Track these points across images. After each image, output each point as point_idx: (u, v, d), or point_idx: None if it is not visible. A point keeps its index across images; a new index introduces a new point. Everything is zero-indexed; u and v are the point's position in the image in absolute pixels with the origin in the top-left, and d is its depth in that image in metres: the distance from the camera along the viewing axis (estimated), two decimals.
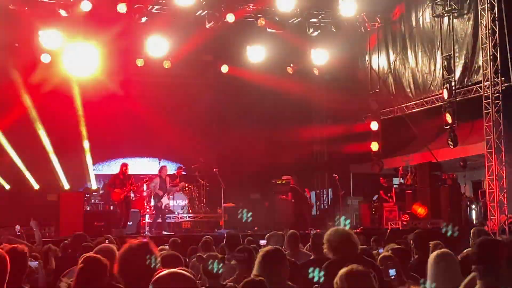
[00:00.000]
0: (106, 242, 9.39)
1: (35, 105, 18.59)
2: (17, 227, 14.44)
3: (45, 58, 18.27)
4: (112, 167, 20.21)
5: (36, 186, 18.86)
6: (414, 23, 18.97)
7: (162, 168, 17.97)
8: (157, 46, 19.15)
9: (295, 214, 18.95)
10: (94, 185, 19.65)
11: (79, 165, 19.43)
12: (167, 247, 8.83)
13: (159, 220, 17.46)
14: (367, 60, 20.89)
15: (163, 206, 17.49)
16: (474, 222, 17.13)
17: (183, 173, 19.71)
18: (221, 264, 5.45)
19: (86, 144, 19.37)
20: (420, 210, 17.27)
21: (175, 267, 5.01)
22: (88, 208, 17.90)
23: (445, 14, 17.43)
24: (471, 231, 7.88)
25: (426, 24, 18.56)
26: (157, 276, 2.98)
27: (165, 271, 3.01)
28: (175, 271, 3.05)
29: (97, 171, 20.42)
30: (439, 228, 15.94)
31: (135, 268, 3.63)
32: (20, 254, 5.06)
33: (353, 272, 3.88)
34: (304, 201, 19.67)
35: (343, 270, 3.92)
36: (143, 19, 17.97)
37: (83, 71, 18.37)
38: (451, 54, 17.26)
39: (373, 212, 19.36)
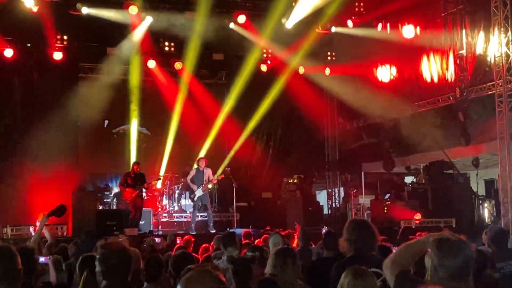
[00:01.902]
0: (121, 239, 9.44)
1: (48, 104, 18.72)
2: (31, 228, 14.57)
3: (57, 57, 18.46)
4: None
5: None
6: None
7: (199, 160, 17.63)
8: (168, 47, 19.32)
9: (304, 213, 18.95)
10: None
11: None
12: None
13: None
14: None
15: (195, 199, 17.22)
16: (486, 221, 17.04)
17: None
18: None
19: None
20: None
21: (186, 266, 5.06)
22: (101, 207, 17.96)
23: (457, 12, 17.36)
24: (485, 231, 7.86)
25: (437, 21, 18.49)
26: (185, 276, 2.99)
27: (194, 270, 3.04)
28: (204, 269, 3.07)
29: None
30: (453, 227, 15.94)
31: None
32: (28, 251, 5.12)
33: (355, 274, 3.90)
34: (312, 200, 19.66)
35: (346, 273, 3.94)
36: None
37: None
38: (463, 52, 17.19)
39: (385, 211, 19.28)
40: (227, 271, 5.33)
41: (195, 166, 17.67)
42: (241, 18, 18.47)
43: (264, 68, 21.02)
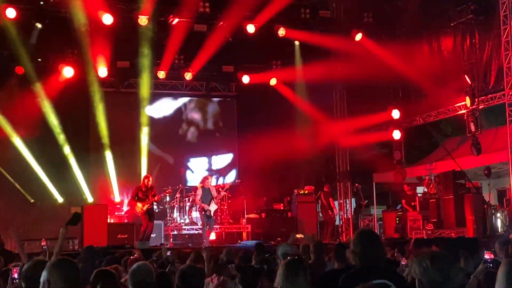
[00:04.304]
0: (135, 255, 9.43)
1: (59, 117, 18.84)
2: (43, 241, 14.55)
3: (68, 72, 18.53)
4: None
5: (60, 199, 18.98)
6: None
7: (205, 179, 17.64)
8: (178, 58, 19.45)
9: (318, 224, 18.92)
10: (117, 197, 19.67)
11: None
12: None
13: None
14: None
15: (211, 214, 17.03)
16: (499, 230, 16.90)
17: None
18: None
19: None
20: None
21: (197, 279, 5.05)
22: (112, 221, 17.96)
23: (467, 21, 17.35)
24: (498, 241, 7.79)
25: (448, 31, 18.46)
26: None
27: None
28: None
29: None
30: (464, 237, 15.82)
31: None
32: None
33: None
34: (326, 211, 19.58)
35: None
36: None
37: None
38: (474, 61, 17.14)
39: (397, 222, 19.20)
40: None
41: (200, 185, 17.53)
42: (250, 28, 18.54)
43: (273, 81, 21.03)
